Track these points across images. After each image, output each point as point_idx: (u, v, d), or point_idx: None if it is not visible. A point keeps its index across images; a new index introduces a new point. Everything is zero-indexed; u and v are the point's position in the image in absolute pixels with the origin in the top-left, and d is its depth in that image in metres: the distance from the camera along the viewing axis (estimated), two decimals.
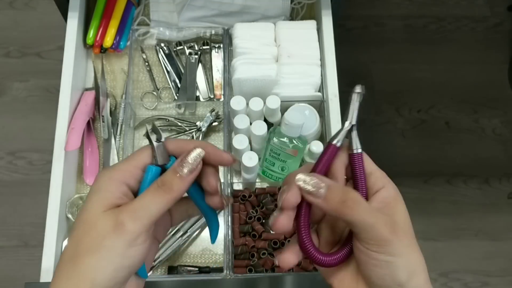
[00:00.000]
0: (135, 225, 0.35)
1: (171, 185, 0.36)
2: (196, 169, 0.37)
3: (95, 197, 0.36)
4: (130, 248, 0.34)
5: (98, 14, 0.95)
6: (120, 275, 0.35)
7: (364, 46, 1.72)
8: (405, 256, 0.37)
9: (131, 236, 0.34)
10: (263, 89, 0.85)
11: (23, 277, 1.38)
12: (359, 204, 0.36)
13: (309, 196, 0.37)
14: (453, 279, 1.46)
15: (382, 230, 0.36)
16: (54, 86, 1.60)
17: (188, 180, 0.37)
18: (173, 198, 0.36)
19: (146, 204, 0.36)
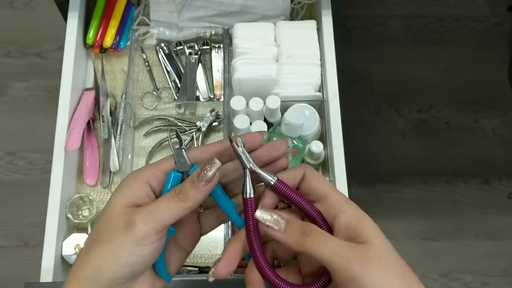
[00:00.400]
0: (144, 226, 0.36)
1: (187, 194, 0.37)
2: (212, 180, 0.37)
3: (119, 193, 0.38)
4: (136, 246, 0.36)
5: (98, 14, 0.95)
6: (123, 270, 0.36)
7: (364, 46, 1.72)
8: (382, 285, 0.34)
9: (139, 236, 0.36)
10: (263, 89, 0.85)
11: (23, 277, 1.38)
12: (320, 235, 0.36)
13: (268, 230, 0.38)
14: (453, 279, 1.46)
15: (348, 266, 0.34)
16: (54, 86, 1.60)
17: (204, 191, 0.37)
18: (188, 207, 0.37)
19: (160, 208, 0.37)
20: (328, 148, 0.85)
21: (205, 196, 0.38)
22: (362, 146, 1.57)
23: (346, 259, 0.34)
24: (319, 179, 0.39)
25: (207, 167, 0.37)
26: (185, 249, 0.43)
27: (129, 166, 0.88)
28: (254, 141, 0.40)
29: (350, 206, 0.38)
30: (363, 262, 0.34)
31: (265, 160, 0.41)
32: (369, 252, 0.35)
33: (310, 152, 0.82)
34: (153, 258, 0.38)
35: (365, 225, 0.36)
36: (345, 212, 0.37)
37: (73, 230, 0.84)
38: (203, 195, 0.37)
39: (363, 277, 0.34)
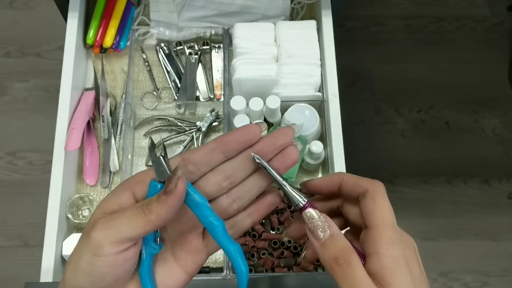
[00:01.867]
0: (99, 234, 0.33)
1: (150, 207, 0.34)
2: (174, 193, 0.33)
3: (104, 199, 0.36)
4: (95, 257, 0.33)
5: (98, 14, 0.95)
6: (82, 279, 0.34)
7: (364, 46, 1.72)
8: None
9: (93, 244, 0.33)
10: (263, 89, 0.85)
11: (23, 277, 1.38)
12: (351, 270, 0.33)
13: (309, 233, 0.35)
14: (453, 279, 1.46)
15: None
16: (54, 86, 1.60)
17: (166, 204, 0.33)
18: (150, 221, 0.33)
19: (121, 220, 0.34)
20: (328, 148, 0.85)
21: (170, 210, 0.33)
22: (362, 146, 1.57)
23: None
24: (379, 205, 0.36)
25: (171, 177, 0.34)
26: (186, 271, 0.38)
27: (129, 166, 0.88)
28: (249, 134, 0.36)
29: (390, 251, 0.34)
30: None
31: (269, 151, 0.37)
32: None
33: (310, 152, 0.82)
34: (112, 273, 0.34)
35: (395, 276, 0.33)
36: (381, 255, 0.34)
37: (73, 230, 0.84)
38: (167, 210, 0.33)
39: None
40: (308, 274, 0.78)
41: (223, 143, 0.36)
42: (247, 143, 0.37)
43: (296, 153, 0.37)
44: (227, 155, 0.37)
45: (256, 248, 0.80)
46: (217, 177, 0.37)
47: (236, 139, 0.36)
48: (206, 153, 0.36)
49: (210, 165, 0.37)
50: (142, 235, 0.34)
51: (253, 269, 0.78)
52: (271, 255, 0.80)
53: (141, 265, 0.37)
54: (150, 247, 0.37)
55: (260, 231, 0.81)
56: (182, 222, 0.38)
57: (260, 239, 0.81)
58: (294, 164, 0.37)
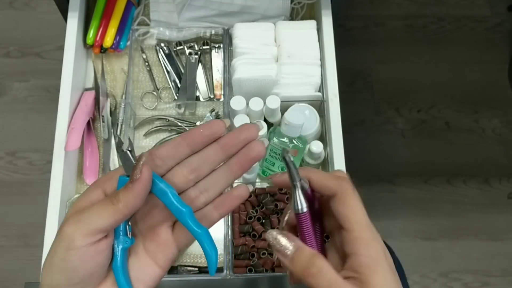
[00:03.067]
0: (70, 228, 0.34)
1: (118, 196, 0.35)
2: (139, 179, 0.35)
3: (77, 199, 0.37)
4: (68, 251, 0.34)
5: (98, 14, 0.95)
6: (57, 277, 0.35)
7: (364, 46, 1.72)
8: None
9: (66, 238, 0.34)
10: (263, 89, 0.85)
11: (23, 277, 1.38)
12: (323, 275, 0.34)
13: (278, 253, 0.36)
14: (453, 279, 1.46)
15: None
16: (54, 86, 1.60)
17: (132, 191, 0.35)
18: (119, 210, 0.35)
19: (91, 211, 0.35)
20: (328, 148, 0.85)
21: (137, 197, 0.35)
22: (362, 146, 1.57)
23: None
24: (350, 208, 0.36)
25: (136, 164, 0.35)
26: (158, 264, 0.39)
27: None
28: (213, 128, 0.38)
29: (368, 250, 0.35)
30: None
31: (233, 144, 0.38)
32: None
33: (310, 152, 0.82)
34: (85, 266, 0.35)
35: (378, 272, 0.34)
36: (360, 255, 0.35)
37: None
38: (134, 196, 0.35)
39: None
40: None
41: (188, 137, 0.38)
42: (211, 137, 0.38)
43: (261, 147, 0.38)
44: (192, 149, 0.38)
45: (256, 248, 0.80)
46: (183, 170, 0.38)
47: (201, 133, 0.38)
48: (172, 147, 0.38)
49: (176, 159, 0.38)
50: (113, 225, 0.35)
51: (253, 269, 0.78)
52: (271, 255, 0.80)
53: (114, 260, 0.37)
54: (122, 241, 0.37)
55: (260, 231, 0.81)
56: (151, 216, 0.39)
57: (260, 239, 0.81)
58: (259, 157, 0.39)
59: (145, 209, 0.39)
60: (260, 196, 0.84)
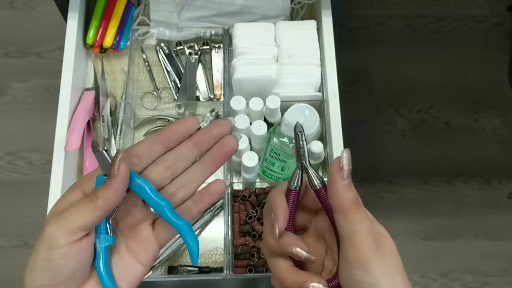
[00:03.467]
0: (51, 227, 0.35)
1: (97, 193, 0.36)
2: (117, 175, 0.35)
3: (56, 201, 0.38)
4: (50, 250, 0.35)
5: (98, 14, 0.95)
6: (39, 277, 0.35)
7: (364, 46, 1.72)
8: (387, 278, 0.34)
9: (48, 237, 0.35)
10: (263, 89, 0.85)
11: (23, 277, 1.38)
12: (363, 213, 0.36)
13: (337, 172, 0.36)
14: (453, 279, 1.46)
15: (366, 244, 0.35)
16: (54, 86, 1.60)
17: (111, 187, 0.35)
18: (98, 206, 0.35)
19: (71, 210, 0.36)
20: (328, 148, 0.85)
21: (116, 193, 0.35)
22: (362, 146, 1.57)
23: (367, 240, 0.35)
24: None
25: (113, 161, 0.36)
26: (140, 262, 0.39)
27: None
28: (186, 125, 0.39)
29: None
30: (379, 249, 0.35)
31: (206, 140, 0.39)
32: (384, 243, 0.36)
33: (310, 152, 0.82)
34: (68, 264, 0.35)
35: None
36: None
37: None
38: (113, 192, 0.35)
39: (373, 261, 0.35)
40: None
41: (162, 134, 0.39)
42: (185, 133, 0.39)
43: (234, 141, 0.39)
44: (167, 146, 0.39)
45: (256, 248, 0.80)
46: (158, 168, 0.39)
47: (174, 130, 0.39)
48: (147, 145, 0.39)
49: (152, 156, 0.39)
50: (93, 222, 0.36)
51: (253, 269, 0.78)
52: None
53: (97, 259, 0.38)
54: (103, 240, 0.38)
55: (260, 231, 0.81)
56: (131, 215, 0.40)
57: (260, 239, 0.81)
58: (233, 151, 0.40)
59: (124, 208, 0.40)
60: (260, 196, 0.84)
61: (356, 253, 0.35)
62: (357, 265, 0.34)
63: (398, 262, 0.36)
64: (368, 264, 0.34)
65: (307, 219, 0.42)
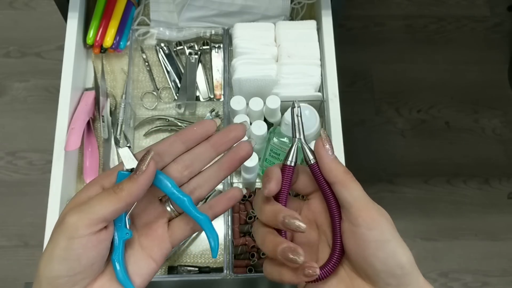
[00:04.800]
0: (72, 218, 0.35)
1: (122, 186, 0.37)
2: (146, 170, 0.37)
3: (75, 196, 0.39)
4: (71, 240, 0.35)
5: (98, 14, 0.95)
6: (57, 266, 0.35)
7: (364, 46, 1.72)
8: (396, 239, 0.38)
9: (68, 228, 0.35)
10: (263, 89, 0.85)
11: (23, 277, 1.38)
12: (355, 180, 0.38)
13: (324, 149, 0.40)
14: (453, 279, 1.46)
15: (371, 207, 0.38)
16: (54, 86, 1.60)
17: (138, 181, 0.36)
18: (122, 198, 0.36)
19: (92, 201, 0.36)
20: None
21: (141, 187, 0.37)
22: (362, 146, 1.57)
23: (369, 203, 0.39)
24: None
25: (143, 157, 0.37)
26: (153, 258, 0.40)
27: None
28: (205, 127, 0.41)
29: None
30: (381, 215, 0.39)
31: (222, 142, 0.41)
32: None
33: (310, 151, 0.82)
34: (87, 255, 0.36)
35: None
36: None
37: None
38: (138, 186, 0.37)
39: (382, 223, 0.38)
40: None
41: (183, 135, 0.41)
42: (204, 135, 0.41)
43: (248, 147, 0.42)
44: (187, 146, 0.41)
45: (256, 248, 0.80)
46: (178, 166, 0.41)
47: (194, 131, 0.41)
48: (169, 144, 0.41)
49: (172, 155, 0.41)
50: (114, 214, 0.36)
51: (253, 269, 0.78)
52: None
53: (115, 252, 0.38)
54: (122, 233, 0.38)
55: None
56: (147, 212, 0.41)
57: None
58: (248, 156, 0.42)
59: (141, 205, 0.41)
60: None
61: (366, 214, 0.37)
62: (371, 226, 0.37)
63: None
64: (379, 223, 0.37)
65: (298, 206, 0.43)
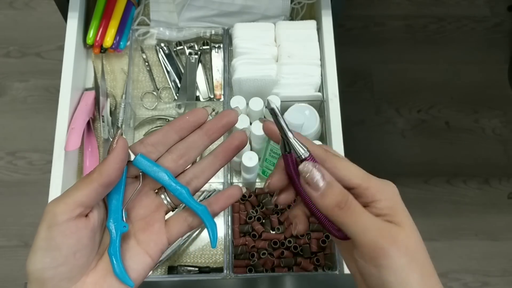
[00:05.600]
0: (50, 206, 0.35)
1: (94, 169, 0.37)
2: (115, 149, 0.36)
3: None
4: (50, 228, 0.35)
5: (98, 14, 0.95)
6: (40, 259, 0.35)
7: (364, 46, 1.72)
8: (401, 274, 0.34)
9: (48, 216, 0.35)
10: (263, 89, 0.85)
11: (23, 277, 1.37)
12: (352, 210, 0.35)
13: (307, 186, 0.36)
14: (453, 279, 1.46)
15: (374, 246, 0.34)
16: (54, 86, 1.60)
17: (109, 160, 0.36)
18: (93, 179, 0.36)
19: (69, 188, 0.36)
20: None
21: (111, 165, 0.36)
22: (362, 146, 1.57)
23: (374, 237, 0.34)
24: (351, 171, 0.37)
25: (113, 138, 0.38)
26: (149, 254, 0.39)
27: None
28: (197, 115, 0.41)
29: (383, 194, 0.37)
30: (391, 245, 0.34)
31: (215, 129, 0.41)
32: (399, 236, 0.35)
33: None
34: (67, 242, 0.35)
35: (398, 213, 0.36)
36: (377, 201, 0.36)
37: None
38: (109, 164, 0.36)
39: (386, 260, 0.34)
40: (308, 274, 0.78)
41: (175, 124, 0.41)
42: (196, 123, 0.41)
43: (244, 136, 0.42)
44: (180, 135, 0.41)
45: (256, 248, 0.80)
46: (173, 156, 0.41)
47: (187, 120, 0.41)
48: (162, 134, 0.41)
49: (167, 145, 0.41)
50: (89, 197, 0.36)
51: (253, 269, 0.78)
52: (271, 255, 0.80)
53: (111, 245, 0.38)
54: (120, 226, 0.38)
55: (260, 231, 0.81)
56: (143, 206, 0.41)
57: (260, 239, 0.81)
58: (242, 145, 0.42)
59: (136, 198, 0.40)
60: (260, 196, 0.84)
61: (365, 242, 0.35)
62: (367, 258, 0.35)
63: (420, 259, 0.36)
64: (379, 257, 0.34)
65: None
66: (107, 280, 0.37)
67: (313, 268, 0.78)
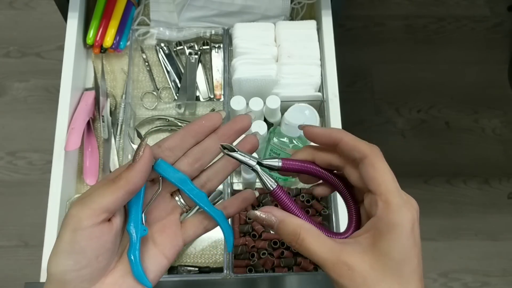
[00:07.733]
0: (74, 210, 0.36)
1: (120, 175, 0.37)
2: (142, 158, 0.37)
3: None
4: (75, 232, 0.35)
5: (98, 14, 0.95)
6: (64, 261, 0.35)
7: (364, 46, 1.72)
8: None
9: (73, 220, 0.36)
10: (263, 89, 0.85)
11: (23, 277, 1.38)
12: (306, 246, 0.37)
13: (266, 226, 0.39)
14: (453, 279, 1.46)
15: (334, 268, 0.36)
16: (54, 86, 1.60)
17: (136, 169, 0.37)
18: (120, 186, 0.36)
19: (94, 193, 0.37)
20: None
21: (138, 173, 0.37)
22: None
23: (331, 266, 0.36)
24: (379, 171, 0.37)
25: (139, 146, 0.38)
26: (165, 255, 0.40)
27: None
28: (212, 120, 0.42)
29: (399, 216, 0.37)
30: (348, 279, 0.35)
31: (229, 134, 0.42)
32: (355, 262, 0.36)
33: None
34: (91, 247, 0.36)
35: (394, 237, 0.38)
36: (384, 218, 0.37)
37: None
38: (135, 173, 0.37)
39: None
40: (308, 274, 0.78)
41: (191, 129, 0.42)
42: (211, 128, 0.42)
43: (255, 140, 0.43)
44: (196, 139, 0.42)
45: (256, 248, 0.80)
46: (188, 159, 0.41)
47: (202, 124, 0.42)
48: (179, 138, 0.41)
49: (183, 149, 0.41)
50: (114, 203, 0.36)
51: (253, 269, 0.78)
52: (271, 255, 0.80)
53: (131, 248, 0.38)
54: (140, 229, 0.39)
55: (260, 231, 0.81)
56: (159, 209, 0.42)
57: (260, 239, 0.81)
58: (254, 148, 0.43)
59: (154, 202, 0.41)
60: (260, 196, 0.84)
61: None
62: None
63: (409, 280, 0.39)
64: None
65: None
66: (125, 280, 0.38)
67: (313, 268, 0.78)
